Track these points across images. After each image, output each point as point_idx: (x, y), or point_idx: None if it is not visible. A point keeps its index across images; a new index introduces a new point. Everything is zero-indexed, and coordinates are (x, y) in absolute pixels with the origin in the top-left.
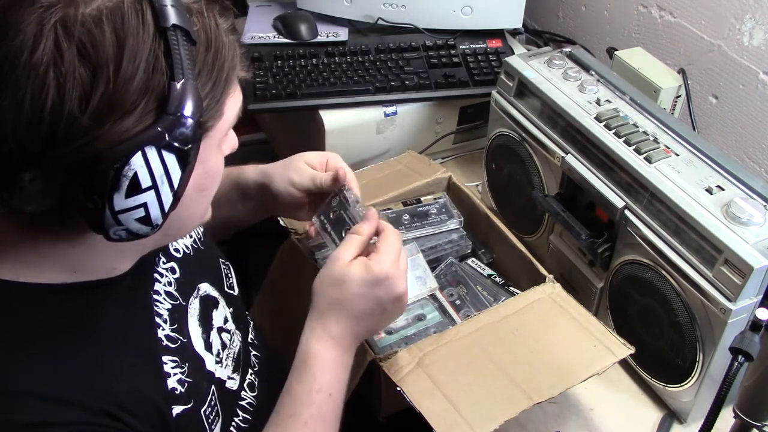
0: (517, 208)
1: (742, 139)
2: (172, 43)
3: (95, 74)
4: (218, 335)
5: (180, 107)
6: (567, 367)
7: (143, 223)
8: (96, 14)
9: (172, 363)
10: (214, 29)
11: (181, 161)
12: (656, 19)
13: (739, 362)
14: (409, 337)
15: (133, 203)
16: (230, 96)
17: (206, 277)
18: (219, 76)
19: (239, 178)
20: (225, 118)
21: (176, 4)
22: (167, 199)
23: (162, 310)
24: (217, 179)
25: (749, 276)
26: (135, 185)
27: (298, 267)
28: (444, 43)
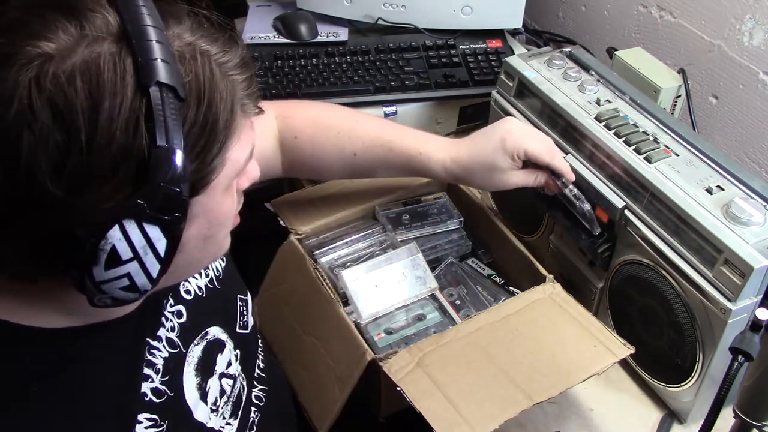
0: (517, 208)
1: (742, 139)
2: (155, 104)
3: (68, 138)
4: (218, 381)
5: (162, 176)
6: (567, 367)
7: (129, 291)
8: (71, 70)
9: (148, 422)
10: (208, 78)
11: (166, 231)
12: (656, 19)
13: (739, 362)
14: (409, 337)
15: (114, 275)
16: (235, 143)
17: (217, 319)
18: (214, 130)
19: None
20: (231, 165)
21: (164, 56)
22: (154, 268)
23: (157, 359)
24: (228, 221)
25: (749, 276)
26: (114, 258)
27: (298, 267)
28: (444, 43)
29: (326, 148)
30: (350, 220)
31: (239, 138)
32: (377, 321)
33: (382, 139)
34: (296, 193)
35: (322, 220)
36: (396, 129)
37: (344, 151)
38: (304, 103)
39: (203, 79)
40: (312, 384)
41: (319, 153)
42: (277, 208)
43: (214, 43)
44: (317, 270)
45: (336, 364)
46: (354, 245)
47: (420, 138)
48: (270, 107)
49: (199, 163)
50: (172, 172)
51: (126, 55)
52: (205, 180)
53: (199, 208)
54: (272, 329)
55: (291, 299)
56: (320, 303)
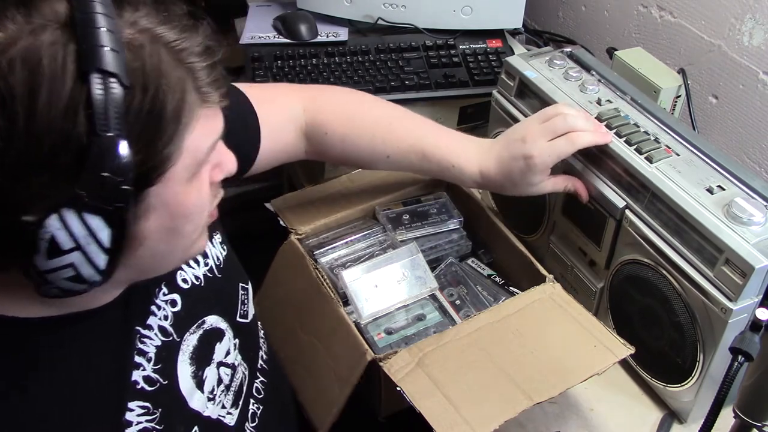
0: (517, 208)
1: (742, 139)
2: (95, 91)
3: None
4: (216, 370)
5: (103, 165)
6: (567, 367)
7: (76, 282)
8: (12, 58)
9: (140, 410)
10: (155, 65)
11: (109, 221)
12: (656, 19)
13: (739, 362)
14: (409, 337)
15: (57, 264)
16: (191, 132)
17: (216, 308)
18: (161, 118)
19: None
20: (189, 155)
21: (108, 43)
22: (99, 258)
23: (149, 347)
24: (196, 215)
25: (750, 276)
26: (55, 248)
27: (298, 267)
28: (444, 43)
29: (359, 148)
30: (350, 220)
31: (195, 127)
32: (377, 321)
33: (417, 146)
34: (296, 193)
35: (322, 220)
36: (431, 135)
37: (377, 153)
38: (336, 92)
39: (151, 67)
40: (312, 384)
41: (351, 152)
42: (277, 208)
43: (173, 29)
44: (317, 270)
45: (336, 363)
46: (354, 245)
47: (454, 148)
48: (299, 97)
49: (148, 152)
50: (113, 161)
51: (69, 41)
52: (158, 170)
53: (155, 198)
54: (272, 329)
55: (291, 299)
56: (320, 303)
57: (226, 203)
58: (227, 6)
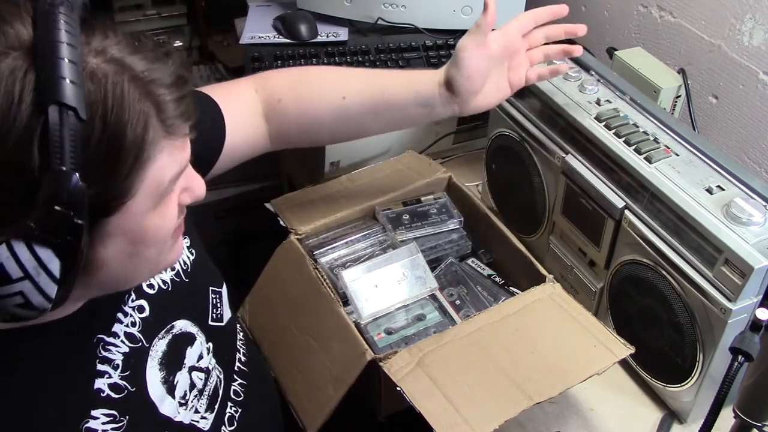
0: (517, 208)
1: (742, 139)
2: (51, 125)
3: None
4: (188, 375)
5: (54, 199)
6: (567, 367)
7: (26, 309)
8: None
9: (105, 417)
10: (117, 98)
11: (59, 253)
12: (656, 19)
13: (739, 362)
14: (409, 337)
15: (6, 292)
16: (153, 163)
17: (184, 312)
18: (121, 151)
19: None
20: (151, 185)
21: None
22: (49, 288)
23: (115, 354)
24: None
25: (749, 276)
26: (3, 276)
27: (297, 267)
28: (444, 43)
29: (314, 102)
30: (350, 220)
31: (158, 159)
32: (377, 321)
33: (370, 79)
34: (296, 193)
35: (322, 220)
36: (385, 70)
37: (332, 97)
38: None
39: (113, 99)
40: (304, 383)
41: (308, 111)
42: (277, 208)
43: (143, 60)
44: (317, 270)
45: (332, 363)
46: (354, 245)
47: (411, 72)
48: (248, 82)
49: (105, 185)
50: (66, 195)
51: (29, 72)
52: (117, 201)
53: (114, 227)
54: (263, 328)
55: (287, 299)
56: (320, 303)
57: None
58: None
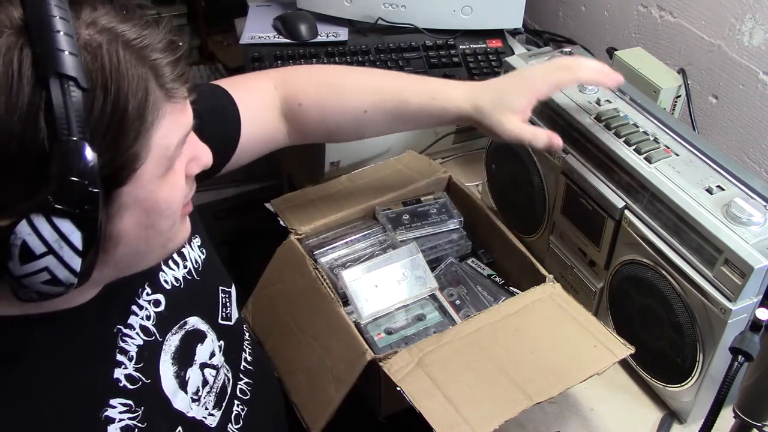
0: (517, 208)
1: (742, 139)
2: (54, 96)
3: None
4: (200, 371)
5: (67, 169)
6: (567, 367)
7: (53, 285)
8: None
9: (122, 407)
10: (115, 65)
11: (79, 224)
12: (656, 19)
13: (739, 362)
14: (409, 337)
15: (31, 269)
16: (158, 129)
17: (196, 310)
18: (125, 118)
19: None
20: (159, 151)
21: (66, 46)
22: (74, 261)
23: (130, 346)
24: (170, 210)
25: (749, 276)
26: (27, 253)
27: (298, 267)
28: (444, 43)
29: (334, 110)
30: (350, 220)
31: (162, 124)
32: (377, 321)
33: (393, 90)
34: (296, 193)
35: (322, 220)
36: (407, 78)
37: (354, 110)
38: (304, 67)
39: (110, 66)
40: (306, 383)
41: (328, 116)
42: (277, 208)
43: (133, 27)
44: (317, 270)
45: (333, 364)
46: (354, 245)
47: (433, 84)
48: (269, 78)
49: (113, 153)
50: (78, 164)
51: (25, 46)
52: (127, 169)
53: (128, 198)
54: (266, 328)
55: (288, 299)
56: (320, 303)
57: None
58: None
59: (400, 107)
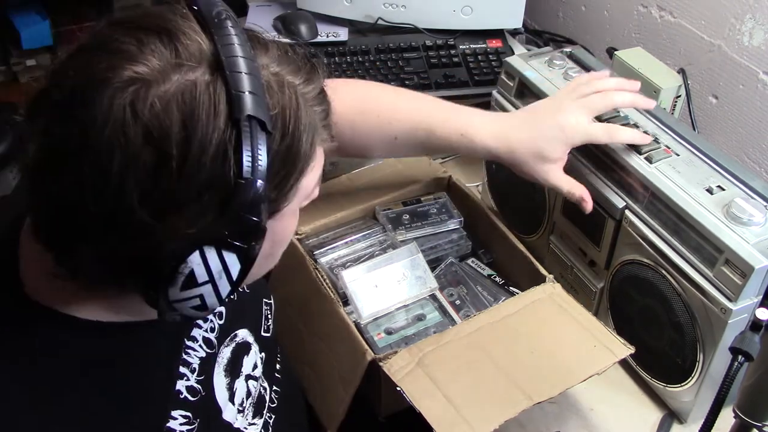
0: (517, 208)
1: (742, 139)
2: (244, 137)
3: (159, 163)
4: (245, 383)
5: (245, 206)
6: (567, 367)
7: (199, 310)
8: (166, 97)
9: (182, 419)
10: (294, 110)
11: (242, 258)
12: (656, 19)
13: (739, 362)
14: (409, 337)
15: (188, 295)
16: (310, 171)
17: (246, 322)
18: (295, 161)
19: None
20: (303, 192)
21: (254, 89)
22: (225, 290)
23: (193, 358)
24: (288, 240)
25: (750, 276)
26: (191, 281)
27: (298, 267)
28: (444, 43)
29: (366, 133)
30: (350, 220)
31: (314, 167)
32: (377, 321)
33: (424, 123)
34: None
35: (322, 220)
36: (439, 109)
37: (385, 134)
38: (342, 83)
39: (289, 111)
40: (319, 384)
41: (359, 138)
42: None
43: (298, 73)
44: (317, 270)
45: (340, 364)
46: (354, 245)
47: (463, 118)
48: None
49: (277, 192)
50: (255, 202)
51: (220, 85)
52: (279, 207)
53: (268, 231)
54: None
55: (293, 300)
56: (320, 303)
57: None
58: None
59: (429, 139)
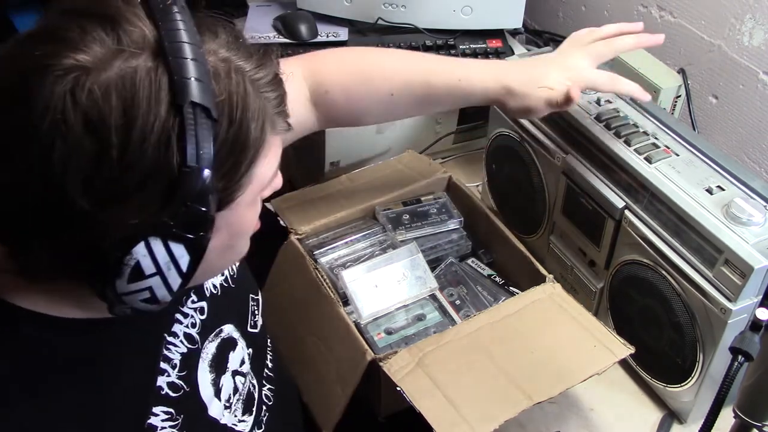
0: (517, 208)
1: (742, 139)
2: (188, 124)
3: (100, 152)
4: (232, 378)
5: (191, 195)
6: (567, 367)
7: (149, 303)
8: (106, 85)
9: (164, 415)
10: (241, 96)
11: (190, 249)
12: (656, 19)
13: (739, 362)
14: (409, 337)
15: (136, 288)
16: (263, 160)
17: (231, 318)
18: (244, 149)
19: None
20: (258, 181)
21: (199, 75)
22: (175, 283)
23: (174, 354)
24: (249, 231)
25: (749, 276)
26: (137, 273)
27: (298, 267)
28: (444, 43)
29: (361, 95)
30: (350, 220)
31: (267, 155)
32: (377, 321)
33: (420, 74)
34: (296, 193)
35: (322, 220)
36: (434, 60)
37: (380, 93)
38: (329, 53)
39: (236, 98)
40: (315, 384)
41: (355, 102)
42: (277, 208)
43: (249, 59)
44: (317, 270)
45: (338, 363)
46: (354, 245)
47: (460, 64)
48: (296, 65)
49: (227, 181)
50: (201, 191)
51: (162, 72)
52: (231, 197)
53: (222, 221)
54: (275, 329)
55: (292, 299)
56: (320, 303)
57: None
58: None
59: (426, 90)
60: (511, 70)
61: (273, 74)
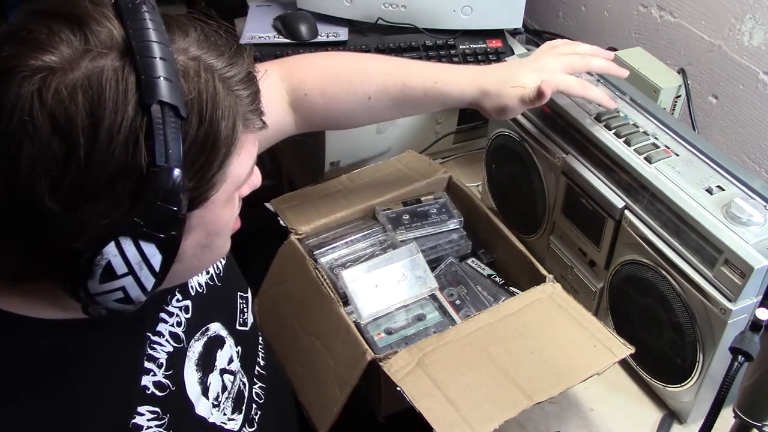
0: (517, 208)
1: (742, 139)
2: (155, 123)
3: (67, 152)
4: (220, 377)
5: (160, 195)
6: (567, 367)
7: (123, 303)
8: (72, 85)
9: (150, 414)
10: (211, 95)
11: (162, 248)
12: (656, 19)
13: (739, 362)
14: (409, 337)
15: (108, 288)
16: (236, 158)
17: (217, 316)
18: (215, 148)
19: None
20: (232, 180)
21: (167, 74)
22: (149, 282)
23: (160, 353)
24: (227, 230)
25: (749, 276)
26: (109, 273)
27: (298, 267)
28: (444, 43)
29: (339, 98)
30: (350, 220)
31: (240, 154)
32: (377, 321)
33: (397, 77)
34: (296, 193)
35: (322, 220)
36: (410, 64)
37: (358, 97)
38: (307, 56)
39: (206, 96)
40: (312, 383)
41: (333, 105)
42: (277, 208)
43: (220, 57)
44: (317, 270)
45: (336, 363)
46: (354, 245)
47: (436, 68)
48: (274, 68)
49: (198, 180)
50: (171, 190)
51: (129, 71)
52: (204, 196)
53: (197, 220)
54: (272, 329)
55: (291, 299)
56: (320, 303)
57: None
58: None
59: (404, 92)
60: (486, 73)
61: (245, 72)
